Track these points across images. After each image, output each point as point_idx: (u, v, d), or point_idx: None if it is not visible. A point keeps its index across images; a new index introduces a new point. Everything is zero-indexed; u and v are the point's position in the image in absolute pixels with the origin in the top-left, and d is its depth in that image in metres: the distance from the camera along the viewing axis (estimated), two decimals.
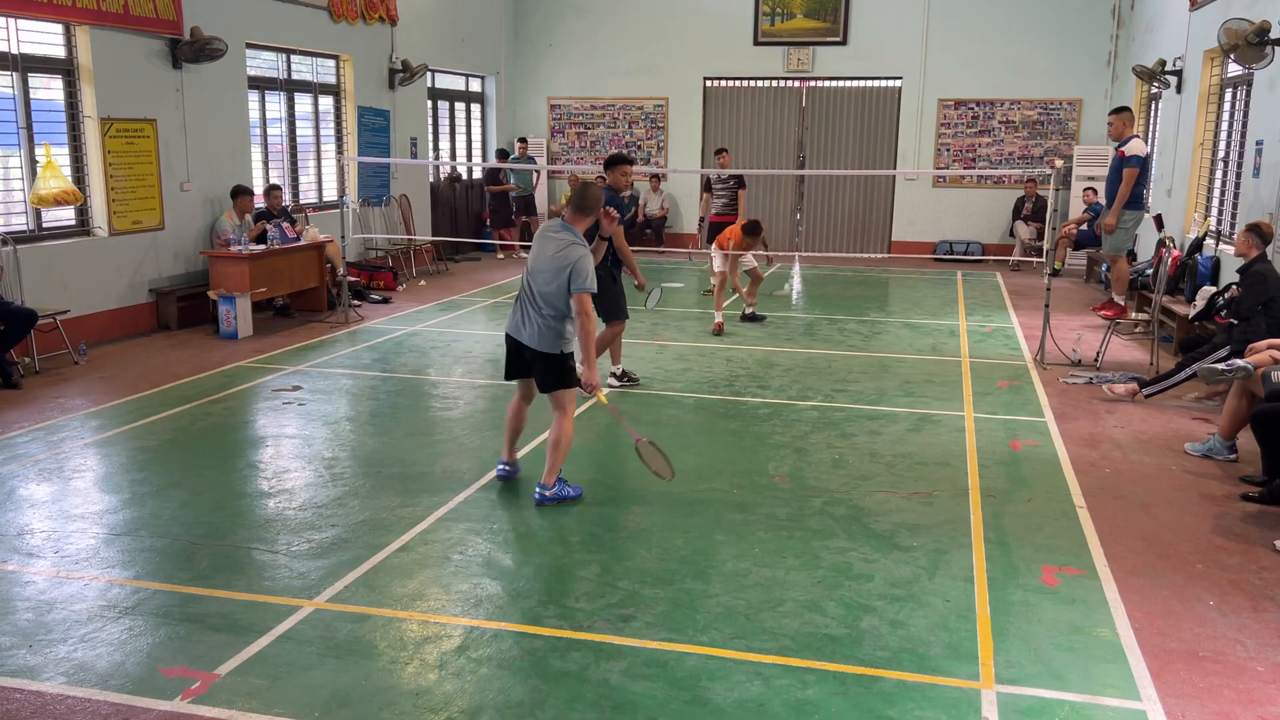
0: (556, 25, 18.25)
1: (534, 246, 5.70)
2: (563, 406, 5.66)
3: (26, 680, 3.86)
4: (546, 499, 5.66)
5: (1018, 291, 13.78)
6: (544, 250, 5.61)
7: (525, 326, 5.61)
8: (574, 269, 5.47)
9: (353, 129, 13.92)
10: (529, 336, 5.59)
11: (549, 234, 5.68)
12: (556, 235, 5.63)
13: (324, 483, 6.05)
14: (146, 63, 10.28)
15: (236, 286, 10.25)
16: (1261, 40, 9.00)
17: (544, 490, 5.67)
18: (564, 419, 5.66)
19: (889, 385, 8.50)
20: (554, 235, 5.64)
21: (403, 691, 3.79)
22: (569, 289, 5.48)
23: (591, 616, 4.38)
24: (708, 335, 10.40)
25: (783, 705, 3.72)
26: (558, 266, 5.50)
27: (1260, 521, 5.62)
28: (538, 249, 5.65)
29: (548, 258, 5.55)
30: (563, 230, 5.65)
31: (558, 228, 5.67)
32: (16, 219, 9.31)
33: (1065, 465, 6.48)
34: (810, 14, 17.23)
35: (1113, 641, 4.23)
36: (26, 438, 6.85)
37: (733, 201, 12.87)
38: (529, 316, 5.59)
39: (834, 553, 5.07)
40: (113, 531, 5.26)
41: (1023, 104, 16.85)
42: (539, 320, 5.56)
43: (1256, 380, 6.21)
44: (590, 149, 18.57)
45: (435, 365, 9.12)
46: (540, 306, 5.55)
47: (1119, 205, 9.92)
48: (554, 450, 5.64)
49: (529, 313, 5.60)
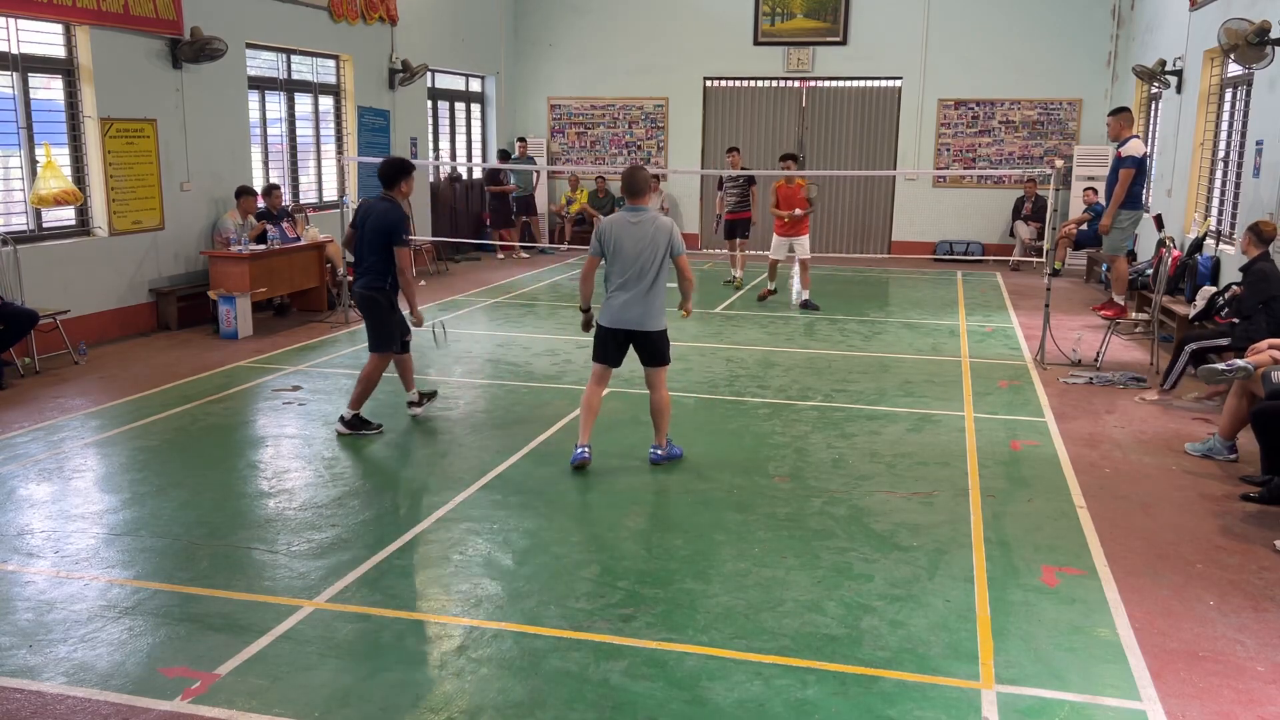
0: (556, 25, 18.25)
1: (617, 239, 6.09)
2: (662, 378, 6.35)
3: (26, 680, 3.86)
4: (660, 458, 6.39)
5: (1018, 291, 13.78)
6: (636, 235, 6.08)
7: (639, 312, 6.13)
8: (673, 236, 6.13)
9: (353, 129, 13.92)
10: (646, 320, 6.15)
11: (629, 222, 6.11)
12: (637, 219, 6.11)
13: (324, 483, 6.05)
14: (146, 63, 10.28)
15: (236, 286, 10.25)
16: (1261, 40, 9.00)
17: (657, 450, 6.40)
18: (660, 390, 6.34)
19: (889, 385, 8.50)
20: (635, 220, 6.11)
21: (403, 691, 3.79)
22: (671, 255, 6.14)
23: (591, 616, 4.38)
24: (708, 335, 10.41)
25: (783, 705, 3.72)
26: (661, 241, 6.08)
27: (1260, 521, 5.63)
28: (625, 239, 6.08)
29: (647, 238, 6.06)
30: (639, 213, 6.13)
31: (632, 214, 6.13)
32: (16, 219, 9.31)
33: (1065, 465, 6.48)
34: (810, 14, 17.23)
35: (1113, 641, 4.23)
36: (26, 438, 6.85)
37: (744, 199, 13.45)
38: (640, 301, 6.10)
39: (834, 553, 5.08)
40: (113, 531, 5.26)
41: (1023, 104, 16.85)
42: (651, 299, 6.12)
43: (1256, 380, 6.21)
44: (590, 149, 18.57)
45: (435, 365, 9.12)
46: (652, 284, 6.09)
47: (1115, 205, 9.92)
48: (660, 416, 6.35)
49: (640, 298, 6.09)
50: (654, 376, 6.32)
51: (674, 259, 6.14)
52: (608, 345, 6.27)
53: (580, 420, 6.35)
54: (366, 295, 6.95)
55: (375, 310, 6.98)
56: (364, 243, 6.92)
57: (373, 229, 6.86)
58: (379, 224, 6.84)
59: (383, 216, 6.85)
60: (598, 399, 6.38)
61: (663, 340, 6.25)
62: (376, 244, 6.85)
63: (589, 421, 6.33)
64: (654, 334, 6.19)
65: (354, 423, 6.97)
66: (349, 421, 6.97)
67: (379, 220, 6.85)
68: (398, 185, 6.96)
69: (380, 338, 7.04)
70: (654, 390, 6.34)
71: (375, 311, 6.99)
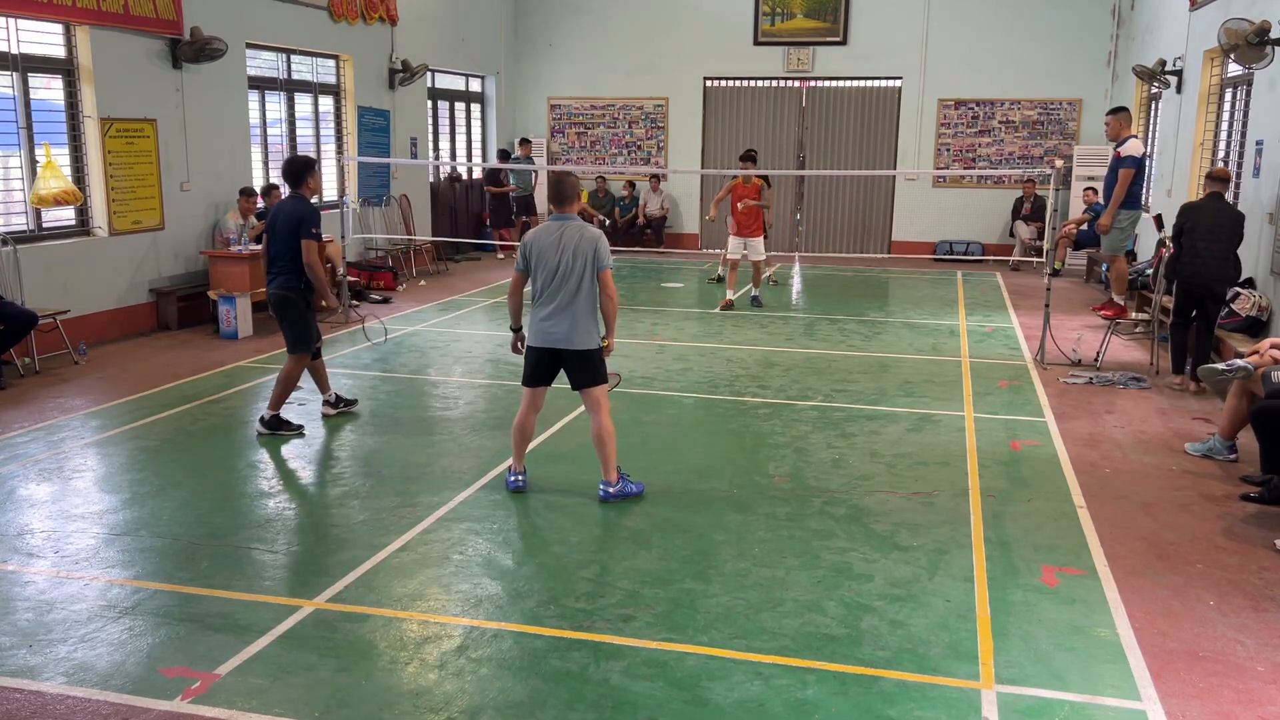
0: (556, 25, 18.25)
1: (539, 251, 5.63)
2: (599, 401, 5.72)
3: (26, 680, 3.86)
4: (611, 495, 5.73)
5: (1018, 291, 13.78)
6: (559, 245, 5.59)
7: (565, 328, 5.62)
8: (598, 248, 5.60)
9: (353, 129, 13.92)
10: (573, 338, 5.62)
11: (552, 231, 5.64)
12: (560, 228, 5.64)
13: (324, 483, 6.05)
14: (146, 63, 10.28)
15: (236, 286, 10.25)
16: (1261, 40, 9.00)
17: (608, 487, 5.74)
18: (601, 414, 5.71)
19: (889, 385, 8.50)
20: (558, 229, 5.63)
21: (403, 691, 3.80)
22: (595, 270, 5.59)
23: (591, 616, 4.38)
24: (708, 335, 10.40)
25: (783, 705, 3.72)
26: (585, 252, 5.57)
27: (1260, 521, 5.63)
28: (547, 249, 5.61)
29: (570, 248, 5.57)
30: (563, 221, 5.67)
31: (556, 222, 5.68)
32: (16, 219, 9.31)
33: (1065, 465, 6.48)
34: (810, 14, 17.23)
35: (1113, 641, 4.23)
36: (26, 438, 6.85)
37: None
38: (565, 315, 5.60)
39: (834, 553, 5.08)
40: (113, 531, 5.26)
41: (1023, 104, 16.84)
42: (577, 314, 5.59)
43: (1256, 380, 6.21)
44: (590, 149, 18.57)
45: (435, 365, 9.12)
46: (574, 297, 5.58)
47: (1114, 205, 9.93)
48: (603, 446, 5.71)
49: (563, 312, 5.60)
50: (589, 400, 5.73)
51: (597, 274, 5.59)
52: (537, 366, 5.76)
53: (513, 447, 5.92)
54: (281, 296, 6.89)
55: (290, 311, 6.93)
56: (276, 242, 6.88)
57: (283, 226, 6.83)
58: (288, 220, 6.81)
59: (290, 212, 6.83)
60: (531, 424, 5.90)
61: (594, 358, 5.67)
62: (288, 241, 6.81)
63: (521, 448, 5.91)
64: (583, 352, 5.64)
65: (273, 423, 6.92)
66: (268, 422, 6.91)
67: (288, 216, 6.83)
68: (304, 182, 6.93)
69: (297, 338, 6.98)
70: (593, 415, 5.73)
71: (290, 312, 6.93)
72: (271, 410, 6.96)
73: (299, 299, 6.91)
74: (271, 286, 6.94)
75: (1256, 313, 8.75)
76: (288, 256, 6.83)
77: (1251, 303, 8.84)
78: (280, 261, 6.87)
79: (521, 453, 5.94)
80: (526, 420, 5.90)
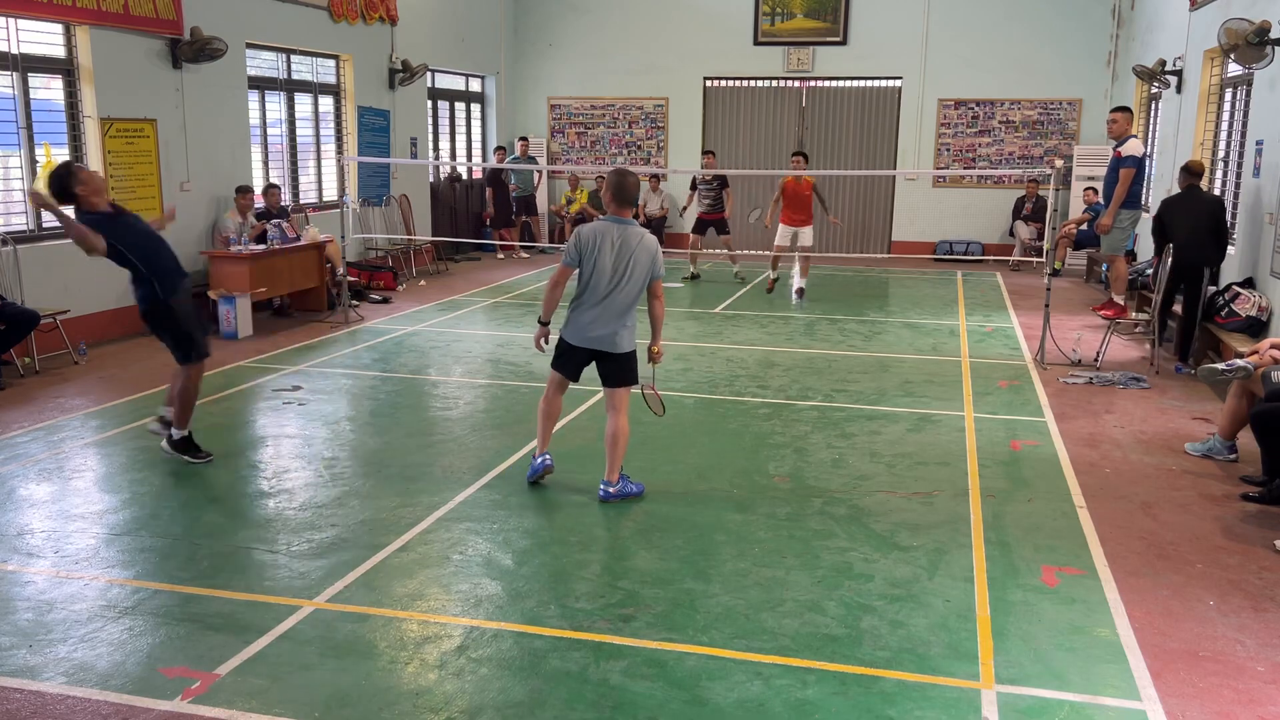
0: (556, 25, 18.25)
1: (599, 251, 5.56)
2: (623, 401, 5.78)
3: (26, 680, 3.86)
4: (611, 495, 5.73)
5: (1018, 291, 13.78)
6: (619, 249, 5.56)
7: (609, 332, 5.65)
8: (657, 258, 5.64)
9: (353, 129, 13.92)
10: (618, 342, 5.68)
11: (614, 234, 5.57)
12: (623, 232, 5.58)
13: (324, 483, 6.05)
14: (146, 63, 10.28)
15: (236, 286, 10.25)
16: (1261, 40, 9.00)
17: (608, 487, 5.74)
18: (621, 416, 5.76)
19: (889, 385, 8.50)
20: (620, 233, 5.58)
21: (403, 691, 3.80)
22: (653, 278, 5.66)
23: (591, 616, 4.38)
24: (708, 335, 10.40)
25: (783, 705, 3.72)
26: (644, 260, 5.58)
27: (1260, 521, 5.63)
28: (605, 251, 5.56)
29: (630, 254, 5.54)
30: (624, 225, 5.61)
31: (618, 225, 5.60)
32: (16, 219, 9.32)
33: (1065, 465, 6.48)
34: (810, 14, 17.22)
35: (1113, 641, 4.23)
36: (26, 438, 6.85)
37: (718, 200, 14.33)
38: (612, 321, 5.63)
39: (834, 553, 5.08)
40: (113, 531, 5.26)
41: (1023, 104, 16.84)
42: (624, 320, 5.67)
43: (1256, 380, 6.21)
44: (590, 149, 18.57)
45: (435, 365, 9.12)
46: (629, 305, 5.64)
47: (1115, 205, 9.94)
48: (615, 446, 5.74)
49: (612, 318, 5.63)
50: (616, 398, 5.75)
51: (652, 282, 5.67)
52: (569, 360, 5.78)
53: (539, 428, 5.92)
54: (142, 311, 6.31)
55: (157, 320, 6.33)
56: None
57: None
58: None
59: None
60: (558, 405, 5.93)
61: (633, 361, 5.79)
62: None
63: (548, 429, 5.93)
64: (625, 355, 5.74)
65: (181, 444, 6.31)
66: (175, 442, 6.31)
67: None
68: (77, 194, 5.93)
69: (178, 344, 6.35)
70: (614, 414, 5.75)
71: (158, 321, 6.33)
72: (180, 429, 6.29)
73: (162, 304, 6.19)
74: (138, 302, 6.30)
75: (1256, 313, 8.75)
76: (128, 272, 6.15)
77: (1251, 303, 8.84)
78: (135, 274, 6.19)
79: (549, 433, 5.95)
80: (554, 402, 5.92)
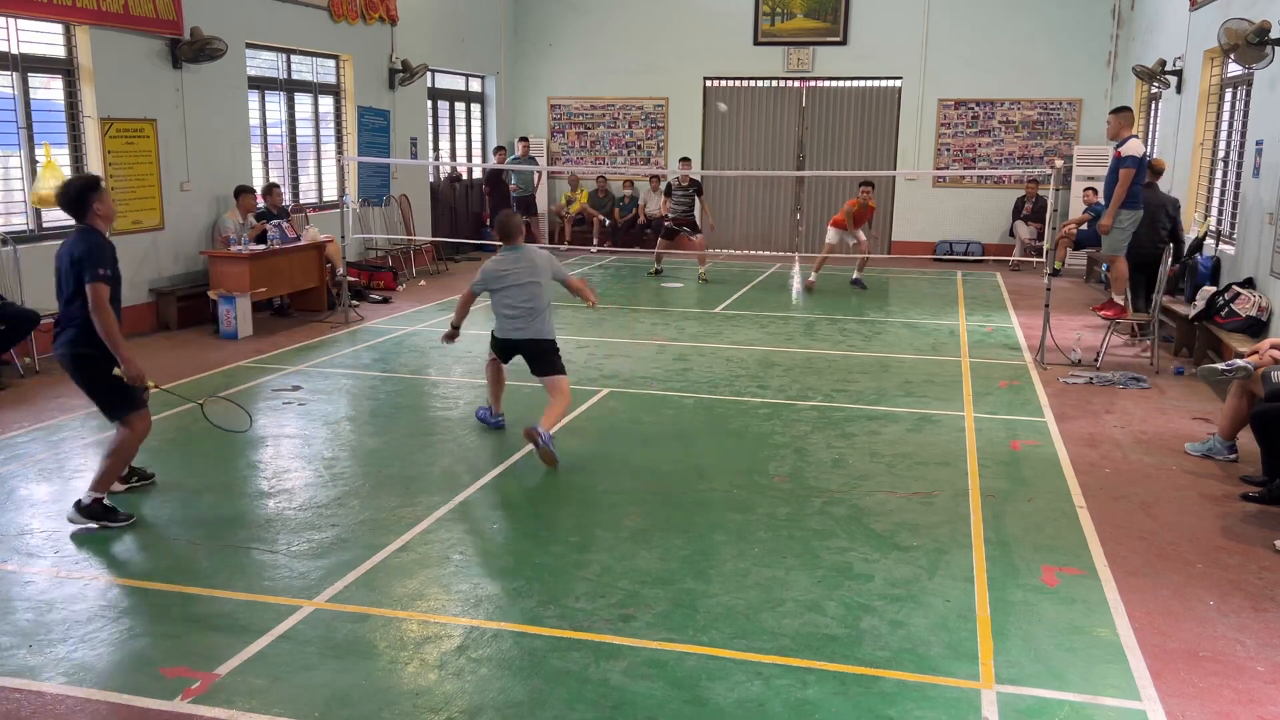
0: (556, 25, 18.25)
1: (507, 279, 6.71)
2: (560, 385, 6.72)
3: (26, 680, 3.86)
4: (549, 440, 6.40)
5: (1018, 291, 13.78)
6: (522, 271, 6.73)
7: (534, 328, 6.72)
8: (553, 263, 6.89)
9: (353, 129, 13.92)
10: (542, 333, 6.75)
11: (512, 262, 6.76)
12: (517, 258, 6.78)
13: (324, 483, 6.05)
14: (146, 63, 10.28)
15: (236, 286, 10.25)
16: (1261, 40, 9.00)
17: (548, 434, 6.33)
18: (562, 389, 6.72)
19: (889, 385, 8.50)
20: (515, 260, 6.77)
21: (403, 691, 3.80)
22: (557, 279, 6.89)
23: (591, 616, 4.38)
24: (708, 335, 10.40)
25: (783, 705, 3.72)
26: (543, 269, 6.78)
27: (1260, 521, 5.63)
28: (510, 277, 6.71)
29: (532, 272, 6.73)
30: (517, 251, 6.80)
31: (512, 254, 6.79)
32: (16, 219, 9.32)
33: (1065, 465, 6.48)
34: (810, 14, 17.22)
35: (1113, 641, 4.23)
36: (26, 438, 6.85)
37: (690, 208, 14.61)
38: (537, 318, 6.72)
39: (834, 553, 5.08)
40: (113, 531, 5.26)
41: (1023, 104, 16.84)
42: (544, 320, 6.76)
43: (1256, 380, 6.21)
44: (590, 149, 18.57)
45: (435, 365, 9.12)
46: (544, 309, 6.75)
47: (1115, 205, 9.92)
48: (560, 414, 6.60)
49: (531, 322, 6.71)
50: (553, 385, 6.71)
51: (560, 281, 6.86)
52: (503, 350, 6.91)
53: (489, 392, 7.09)
54: (74, 355, 5.31)
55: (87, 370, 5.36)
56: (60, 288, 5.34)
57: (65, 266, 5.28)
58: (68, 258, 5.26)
59: (71, 248, 5.27)
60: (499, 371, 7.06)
61: (554, 349, 6.79)
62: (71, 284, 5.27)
63: (499, 393, 7.10)
64: (545, 342, 6.75)
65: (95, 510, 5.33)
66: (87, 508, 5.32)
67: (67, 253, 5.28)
68: (89, 209, 5.37)
69: (112, 401, 5.43)
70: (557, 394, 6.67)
71: (88, 371, 5.36)
72: (95, 492, 5.36)
73: (97, 354, 5.28)
74: (58, 345, 5.38)
75: (1256, 313, 8.74)
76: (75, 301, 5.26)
77: (1251, 303, 8.84)
78: (67, 309, 5.32)
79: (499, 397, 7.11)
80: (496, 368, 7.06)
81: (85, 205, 5.37)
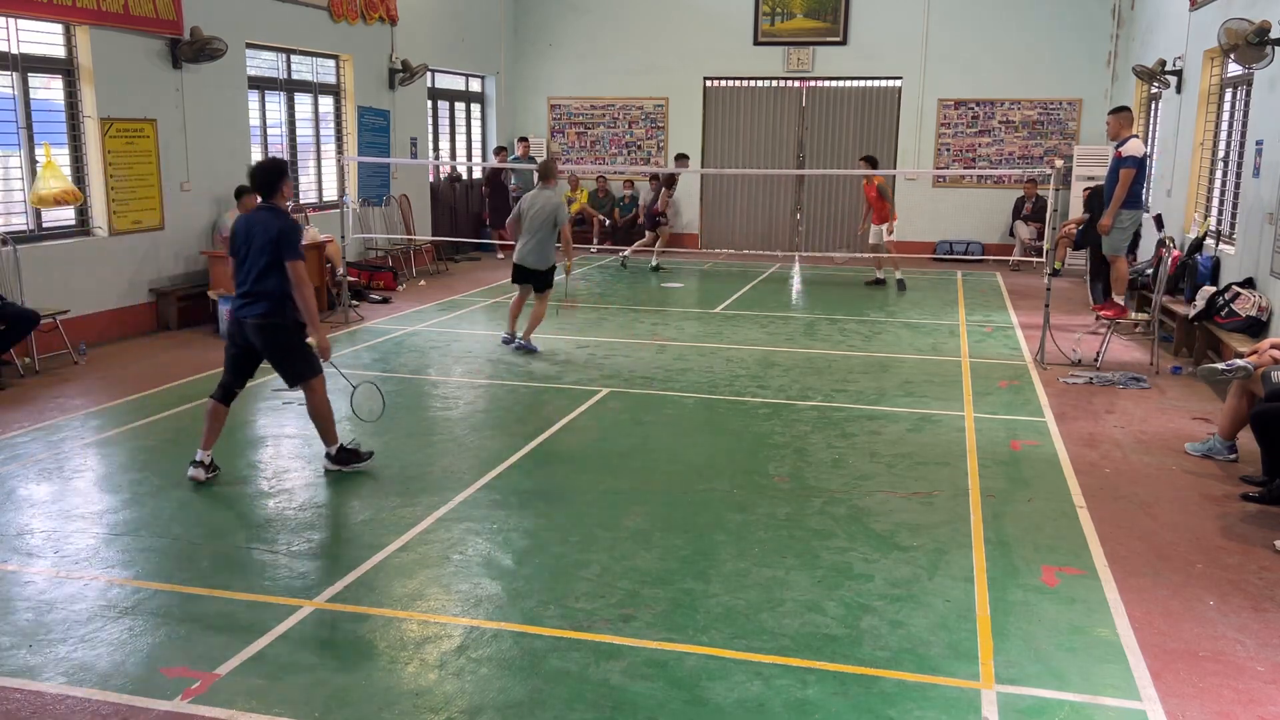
0: (556, 25, 18.25)
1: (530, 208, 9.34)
2: (544, 299, 9.64)
3: (26, 680, 3.86)
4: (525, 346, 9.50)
5: (1018, 291, 13.78)
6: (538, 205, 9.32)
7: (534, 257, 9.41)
8: (559, 209, 9.33)
9: (353, 129, 13.92)
10: (539, 263, 9.42)
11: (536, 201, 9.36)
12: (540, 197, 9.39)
13: (324, 483, 6.05)
14: (146, 63, 10.28)
15: None
16: (1261, 40, 9.00)
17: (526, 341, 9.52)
18: (543, 304, 9.64)
19: (889, 385, 8.50)
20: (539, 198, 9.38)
21: (403, 691, 3.80)
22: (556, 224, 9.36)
23: (591, 616, 4.38)
24: (708, 335, 10.41)
25: (783, 705, 3.72)
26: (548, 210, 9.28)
27: (1260, 521, 5.63)
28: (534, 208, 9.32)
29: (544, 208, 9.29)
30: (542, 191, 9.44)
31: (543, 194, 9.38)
32: (16, 219, 9.31)
33: (1065, 465, 6.48)
34: (810, 14, 17.22)
35: (1113, 641, 4.23)
36: (26, 438, 6.85)
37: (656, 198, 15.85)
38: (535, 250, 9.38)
39: (834, 553, 5.08)
40: (113, 531, 5.26)
41: (1023, 104, 16.84)
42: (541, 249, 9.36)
43: (1256, 380, 6.21)
44: (590, 149, 18.57)
45: (435, 365, 9.12)
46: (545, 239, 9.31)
47: (1115, 205, 9.93)
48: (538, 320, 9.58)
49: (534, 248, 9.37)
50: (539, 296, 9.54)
51: (557, 230, 9.26)
52: (518, 274, 9.53)
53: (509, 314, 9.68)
54: (269, 325, 5.87)
55: (280, 338, 5.96)
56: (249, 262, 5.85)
57: (260, 244, 5.79)
58: (265, 236, 5.78)
59: (265, 227, 5.79)
60: (522, 301, 9.66)
61: (549, 274, 9.54)
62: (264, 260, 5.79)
63: (516, 317, 9.63)
64: (541, 270, 9.44)
65: (341, 457, 6.20)
66: (336, 457, 6.19)
67: (262, 231, 5.80)
68: (279, 190, 5.92)
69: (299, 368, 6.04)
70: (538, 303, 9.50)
71: (280, 340, 5.97)
72: (331, 445, 6.17)
73: (289, 324, 5.92)
74: (250, 315, 5.89)
75: (1256, 313, 8.74)
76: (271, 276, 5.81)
77: (1251, 303, 8.84)
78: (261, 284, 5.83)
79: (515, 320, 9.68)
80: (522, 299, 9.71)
81: (276, 186, 5.91)
